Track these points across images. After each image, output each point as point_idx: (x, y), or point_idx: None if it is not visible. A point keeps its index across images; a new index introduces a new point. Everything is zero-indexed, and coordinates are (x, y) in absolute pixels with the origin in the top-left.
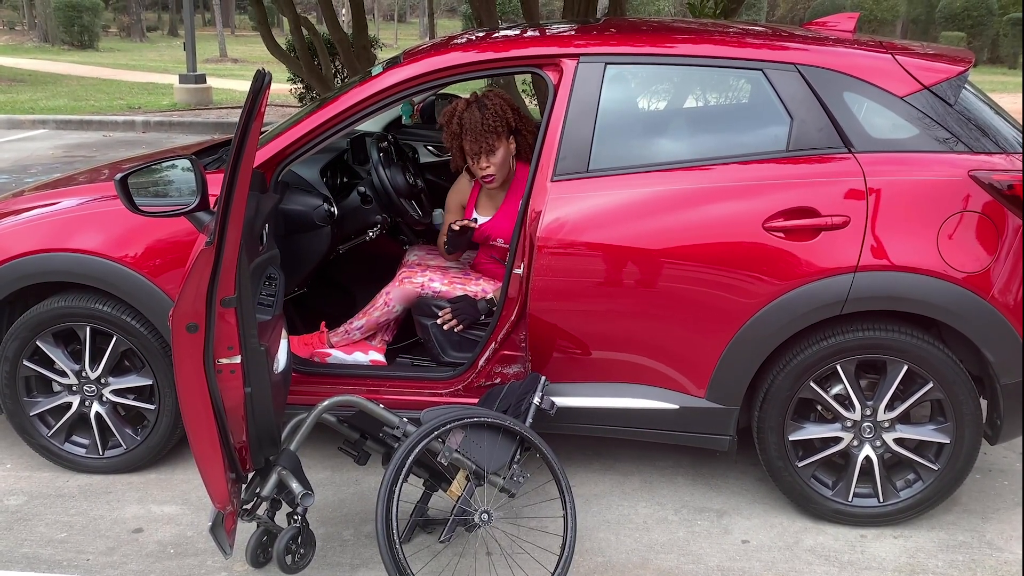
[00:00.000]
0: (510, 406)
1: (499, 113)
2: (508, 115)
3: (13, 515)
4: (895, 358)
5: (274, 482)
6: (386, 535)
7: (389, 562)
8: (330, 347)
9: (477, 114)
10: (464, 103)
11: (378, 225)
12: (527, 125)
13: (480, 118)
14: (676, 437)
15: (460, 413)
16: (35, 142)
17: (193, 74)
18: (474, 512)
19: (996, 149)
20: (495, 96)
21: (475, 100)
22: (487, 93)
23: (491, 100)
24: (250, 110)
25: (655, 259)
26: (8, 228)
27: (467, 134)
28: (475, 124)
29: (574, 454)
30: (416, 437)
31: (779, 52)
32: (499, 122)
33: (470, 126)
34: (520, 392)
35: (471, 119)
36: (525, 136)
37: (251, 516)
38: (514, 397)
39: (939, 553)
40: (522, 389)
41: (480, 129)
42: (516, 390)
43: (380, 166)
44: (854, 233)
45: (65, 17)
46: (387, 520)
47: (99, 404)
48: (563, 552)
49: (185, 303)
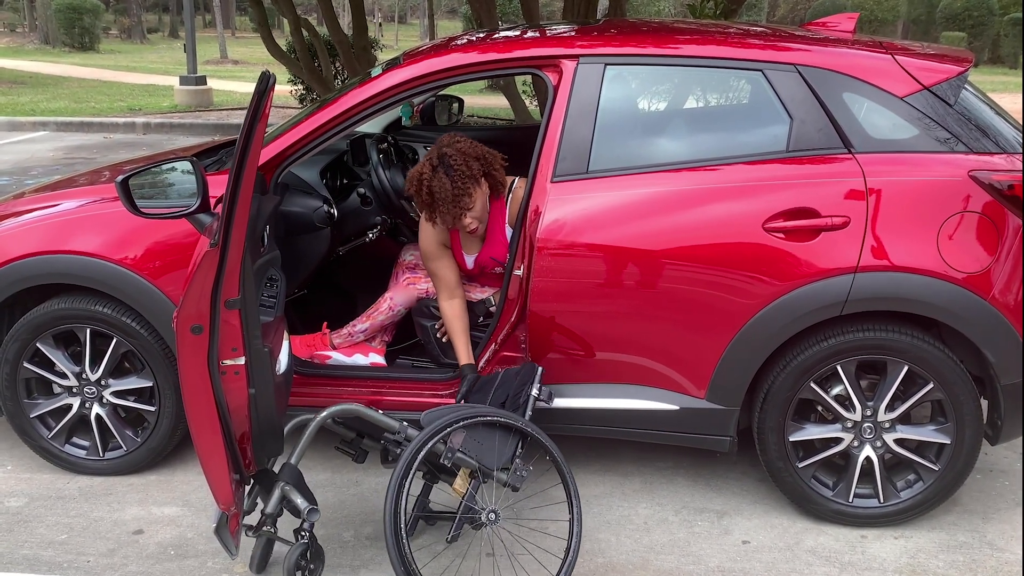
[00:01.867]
0: (508, 397)
1: (466, 171)
2: (474, 168)
3: (13, 517)
4: (895, 359)
5: (278, 498)
6: (396, 546)
7: (400, 570)
8: (332, 348)
9: (446, 181)
10: (429, 169)
11: (378, 226)
12: (492, 163)
13: (450, 184)
14: (676, 438)
15: (461, 414)
16: (36, 144)
17: (193, 76)
18: (481, 510)
19: (996, 149)
20: (457, 154)
21: (439, 162)
22: (448, 151)
23: (455, 160)
24: (255, 111)
25: (655, 260)
26: (8, 230)
27: (440, 204)
28: (446, 193)
29: (574, 455)
30: (418, 443)
31: (779, 53)
32: (469, 181)
33: (441, 196)
34: (517, 383)
35: (440, 188)
36: (494, 174)
37: (257, 532)
38: (511, 387)
39: (940, 553)
40: (519, 380)
41: (452, 196)
42: (511, 379)
43: (380, 167)
44: (854, 234)
45: (66, 19)
46: (396, 533)
47: (99, 406)
48: (568, 553)
49: (190, 305)
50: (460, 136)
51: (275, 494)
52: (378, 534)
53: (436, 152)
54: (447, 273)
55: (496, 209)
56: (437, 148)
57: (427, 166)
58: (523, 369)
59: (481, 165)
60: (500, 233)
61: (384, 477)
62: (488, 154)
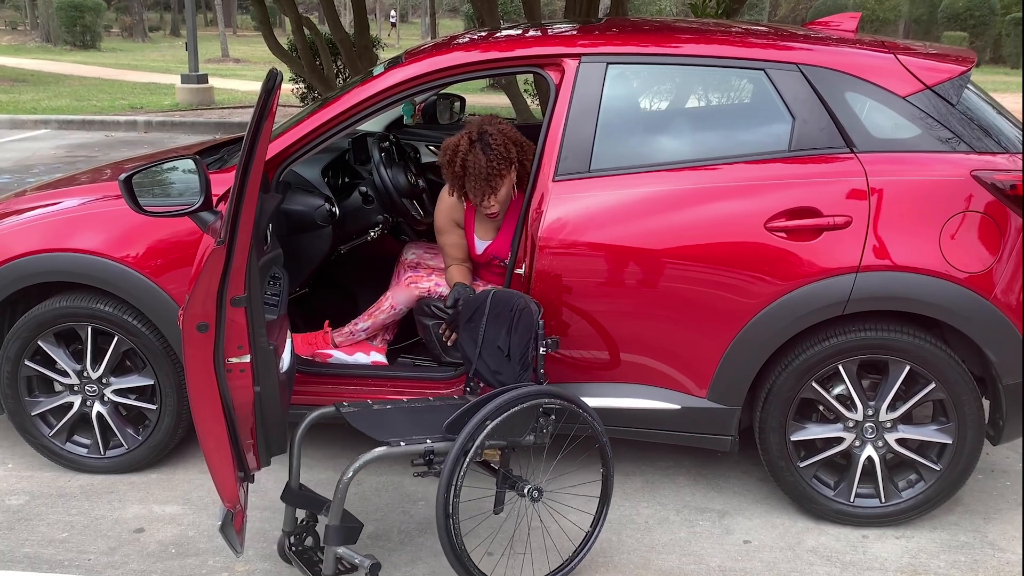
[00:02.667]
0: (509, 338)
1: (503, 154)
2: (511, 152)
3: (15, 515)
4: (897, 358)
5: (333, 561)
6: (455, 555)
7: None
8: (334, 347)
9: (482, 157)
10: (467, 142)
11: (379, 225)
12: (527, 153)
13: (485, 162)
14: (678, 437)
15: (485, 414)
16: (37, 142)
17: (195, 74)
18: (518, 481)
19: (998, 149)
20: (498, 134)
21: (478, 138)
22: (489, 129)
23: (494, 139)
24: (262, 109)
25: (657, 259)
26: (10, 228)
27: (471, 178)
28: (480, 169)
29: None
30: (453, 461)
31: (781, 52)
32: (503, 163)
33: (475, 171)
34: (520, 326)
35: (475, 163)
36: (525, 164)
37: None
38: (506, 320)
39: (941, 554)
40: (520, 322)
41: (485, 174)
42: (504, 308)
43: (382, 166)
44: (856, 233)
45: (67, 17)
46: (452, 544)
47: (101, 404)
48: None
49: (196, 303)
50: (502, 120)
51: (329, 558)
52: (379, 532)
53: (477, 128)
54: (456, 251)
55: (515, 202)
56: (479, 124)
57: (464, 139)
58: (515, 302)
59: (518, 152)
60: (513, 228)
61: (386, 476)
62: (525, 143)
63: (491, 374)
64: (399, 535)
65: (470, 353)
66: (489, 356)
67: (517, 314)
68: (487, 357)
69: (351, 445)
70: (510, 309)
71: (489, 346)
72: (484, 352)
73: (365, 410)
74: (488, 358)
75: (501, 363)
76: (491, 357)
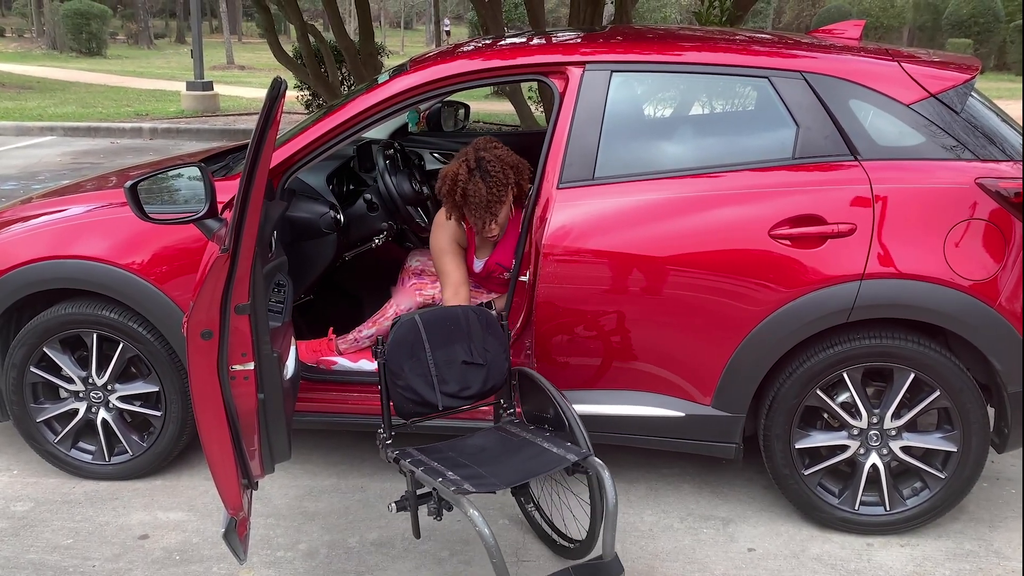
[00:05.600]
0: (487, 373)
1: (502, 180)
2: (510, 177)
3: (20, 521)
4: (902, 366)
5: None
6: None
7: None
8: (338, 354)
9: (482, 186)
10: (466, 171)
11: (384, 232)
12: (524, 174)
13: (485, 190)
14: (682, 445)
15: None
16: (43, 149)
17: (200, 81)
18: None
19: (1003, 156)
20: (495, 160)
21: (476, 166)
22: (486, 156)
23: (492, 166)
24: (266, 117)
25: (661, 266)
26: (16, 235)
27: (472, 207)
28: (481, 198)
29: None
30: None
31: (785, 60)
32: (503, 189)
33: (475, 200)
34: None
35: (476, 192)
36: (522, 184)
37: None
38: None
39: (946, 562)
40: (494, 338)
41: (486, 202)
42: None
43: (386, 173)
44: (860, 241)
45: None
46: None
47: (105, 410)
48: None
49: (200, 310)
50: (497, 141)
51: None
52: (383, 540)
53: (473, 155)
54: (455, 271)
55: (513, 218)
56: (475, 151)
57: (463, 167)
58: (462, 312)
59: (515, 174)
60: (513, 240)
61: (390, 483)
62: (521, 163)
63: (457, 394)
64: (403, 542)
65: (426, 394)
66: (449, 380)
67: (482, 320)
68: (447, 383)
69: (354, 453)
70: (458, 320)
71: (444, 369)
72: (440, 380)
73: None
74: (449, 382)
75: (465, 377)
76: (452, 380)
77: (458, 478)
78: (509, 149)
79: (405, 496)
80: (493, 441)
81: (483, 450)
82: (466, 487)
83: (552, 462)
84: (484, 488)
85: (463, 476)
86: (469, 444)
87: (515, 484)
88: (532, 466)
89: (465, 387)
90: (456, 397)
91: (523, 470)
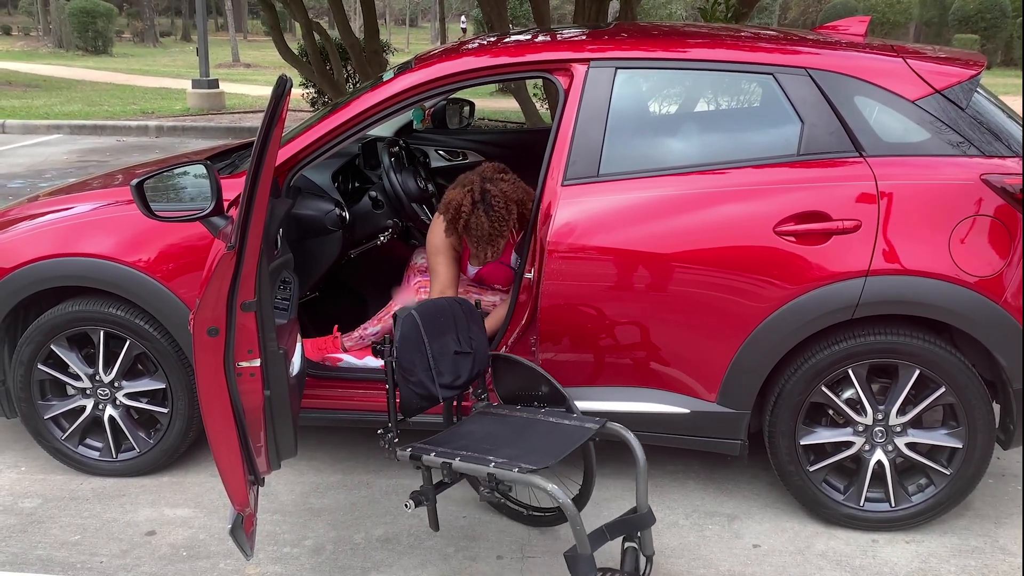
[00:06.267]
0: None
1: (505, 216)
2: (513, 212)
3: (27, 517)
4: (907, 362)
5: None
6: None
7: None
8: (344, 351)
9: (484, 220)
10: (469, 203)
11: (389, 229)
12: (527, 204)
13: (488, 225)
14: (687, 441)
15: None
16: (50, 147)
17: (206, 79)
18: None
19: (1008, 153)
20: (500, 195)
21: (480, 199)
22: (491, 190)
23: (497, 201)
24: (272, 115)
25: (665, 263)
26: (23, 233)
27: (474, 239)
28: (483, 232)
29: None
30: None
31: (790, 56)
32: (506, 224)
33: (477, 233)
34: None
35: (478, 225)
36: (524, 214)
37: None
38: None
39: (951, 558)
40: (477, 326)
41: (488, 236)
42: (449, 317)
43: (391, 171)
44: (865, 237)
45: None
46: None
47: (113, 407)
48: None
49: (206, 307)
50: (504, 173)
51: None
52: (389, 536)
53: (479, 186)
54: (445, 272)
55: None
56: (480, 181)
57: (468, 199)
58: (448, 304)
59: (518, 207)
60: (507, 254)
61: (396, 479)
62: (525, 194)
63: (451, 385)
64: (408, 538)
65: (431, 388)
66: (444, 371)
67: (464, 310)
68: (442, 374)
69: (360, 450)
70: (447, 312)
71: (440, 361)
72: (437, 372)
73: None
74: (444, 374)
75: (457, 367)
76: (446, 371)
77: (506, 460)
78: (515, 179)
79: (421, 491)
80: (492, 425)
81: (491, 435)
82: (524, 466)
83: (577, 433)
84: (540, 465)
85: (508, 457)
86: (471, 431)
87: (560, 459)
88: (561, 440)
89: (457, 377)
90: (450, 388)
91: (557, 445)
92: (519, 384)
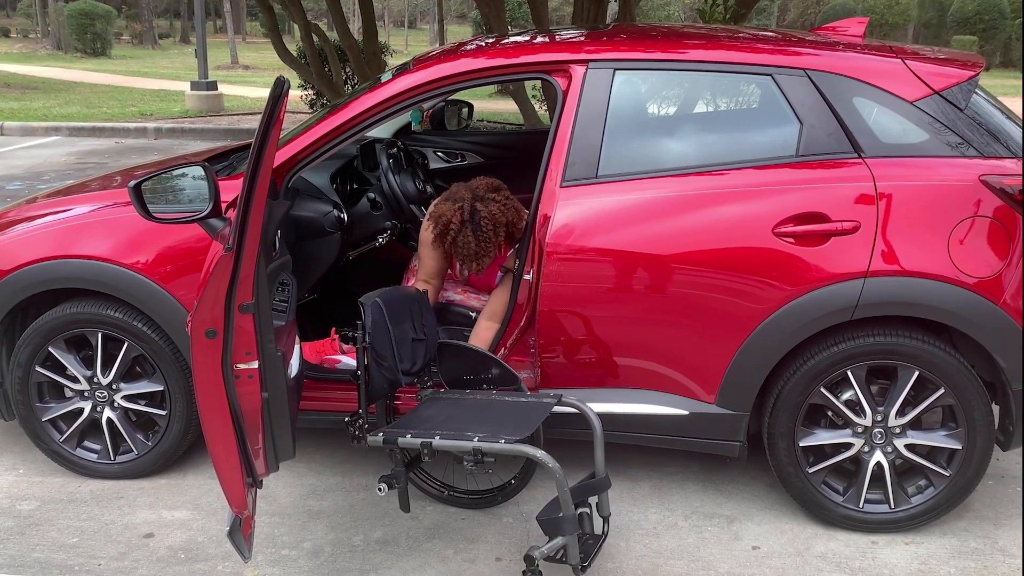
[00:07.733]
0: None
1: (492, 237)
2: (500, 235)
3: (25, 520)
4: (906, 364)
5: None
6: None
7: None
8: (342, 353)
9: (471, 240)
10: (458, 222)
11: (388, 231)
12: (518, 224)
13: (475, 245)
14: (686, 443)
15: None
16: (48, 149)
17: (204, 81)
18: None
19: (1007, 153)
20: (488, 217)
21: (469, 218)
22: (481, 211)
23: (485, 222)
24: (269, 116)
25: (664, 264)
26: (21, 235)
27: (460, 255)
28: (469, 251)
29: (583, 459)
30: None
31: (788, 57)
32: (493, 245)
33: (464, 251)
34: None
35: (464, 244)
36: (515, 234)
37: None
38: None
39: (951, 560)
40: (428, 314)
41: (474, 254)
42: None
43: (390, 172)
44: (864, 238)
45: (78, 25)
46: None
47: (111, 410)
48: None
49: (204, 309)
50: (497, 192)
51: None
52: (387, 538)
53: (469, 204)
54: (432, 264)
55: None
56: (471, 199)
57: (457, 216)
58: (405, 293)
59: (506, 230)
60: (496, 264)
61: None
62: (516, 215)
63: (409, 371)
64: (407, 540)
65: (396, 374)
66: (404, 357)
67: (418, 299)
68: (403, 360)
69: (359, 452)
70: (406, 301)
71: (400, 347)
72: (398, 358)
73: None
74: (404, 360)
75: (414, 353)
76: (406, 357)
77: (485, 434)
78: (506, 199)
79: (393, 474)
80: (450, 408)
81: (453, 416)
82: (509, 437)
83: (540, 407)
84: (520, 435)
85: (485, 432)
86: (431, 415)
87: (531, 432)
88: (525, 415)
89: (414, 363)
90: (408, 374)
91: (524, 419)
92: (466, 369)
